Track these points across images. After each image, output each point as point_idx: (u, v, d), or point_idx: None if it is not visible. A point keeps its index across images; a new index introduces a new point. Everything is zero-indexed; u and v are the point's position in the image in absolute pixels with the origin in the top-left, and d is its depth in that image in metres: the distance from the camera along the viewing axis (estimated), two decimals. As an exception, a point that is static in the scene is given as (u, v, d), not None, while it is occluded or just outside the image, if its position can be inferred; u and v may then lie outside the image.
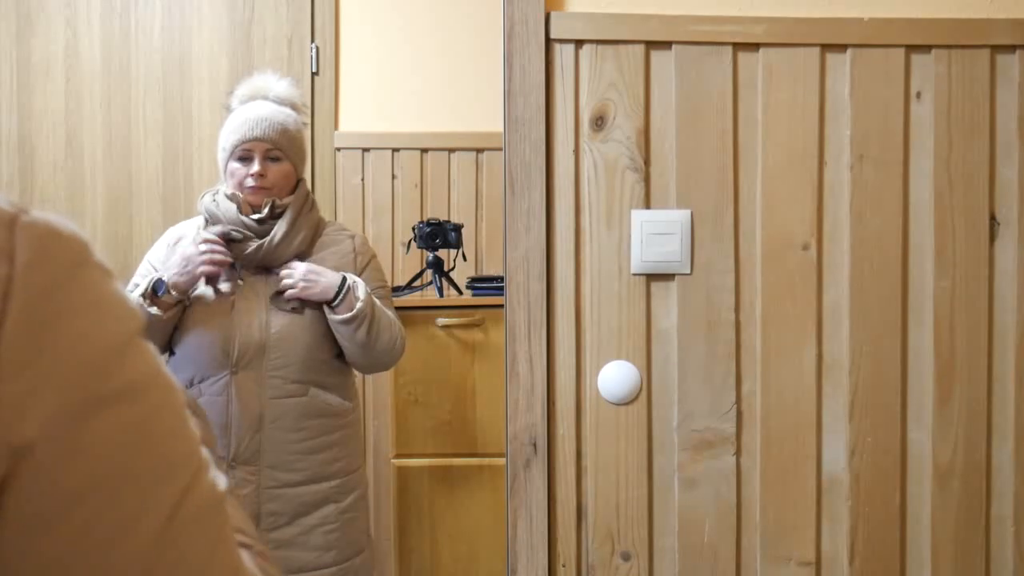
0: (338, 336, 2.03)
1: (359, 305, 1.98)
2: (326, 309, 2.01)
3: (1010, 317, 1.51)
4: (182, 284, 1.96)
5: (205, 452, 0.49)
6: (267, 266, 2.04)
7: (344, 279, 2.00)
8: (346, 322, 1.99)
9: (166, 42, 3.14)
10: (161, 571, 0.44)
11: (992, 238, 1.51)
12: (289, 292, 1.99)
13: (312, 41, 3.12)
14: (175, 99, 3.15)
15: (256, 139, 2.04)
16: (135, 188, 3.14)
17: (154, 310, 1.95)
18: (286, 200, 2.07)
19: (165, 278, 1.97)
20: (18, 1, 3.12)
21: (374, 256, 2.18)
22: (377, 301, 2.05)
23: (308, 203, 2.12)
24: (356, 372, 2.22)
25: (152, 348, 0.47)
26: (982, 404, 1.51)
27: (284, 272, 2.01)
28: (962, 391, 1.50)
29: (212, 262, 1.96)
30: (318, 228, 2.12)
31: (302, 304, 2.02)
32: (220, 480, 0.49)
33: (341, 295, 1.99)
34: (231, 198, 2.05)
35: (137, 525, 0.44)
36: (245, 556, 0.54)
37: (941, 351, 1.50)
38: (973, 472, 1.51)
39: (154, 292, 1.96)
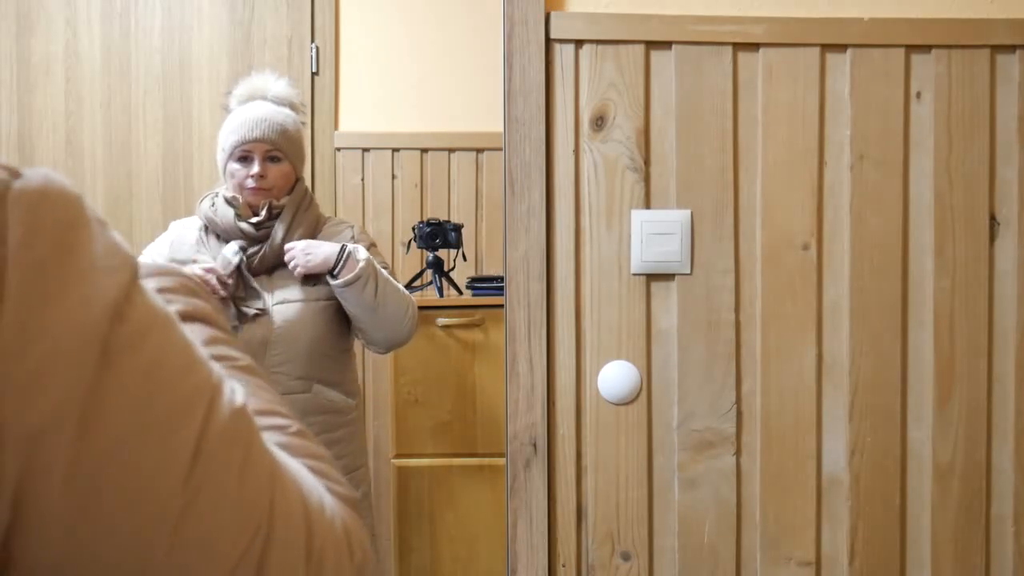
0: (348, 307, 2.02)
1: (361, 265, 1.98)
2: (330, 280, 2.00)
3: (1010, 317, 1.51)
4: None
5: (216, 371, 0.48)
6: (271, 267, 2.05)
7: (343, 246, 2.01)
8: (349, 283, 1.98)
9: (166, 42, 3.14)
10: (197, 507, 0.44)
11: (992, 238, 1.51)
12: (297, 271, 2.00)
13: (312, 41, 3.12)
14: (175, 99, 3.15)
15: (256, 140, 2.04)
16: (135, 188, 3.14)
17: None
18: (283, 200, 2.07)
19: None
20: (18, 1, 3.12)
21: (374, 244, 2.18)
22: (380, 268, 2.05)
23: (306, 201, 2.12)
24: (358, 371, 2.22)
25: (145, 287, 0.47)
26: (982, 404, 1.51)
27: (287, 256, 2.02)
28: (962, 391, 1.50)
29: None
30: (317, 224, 2.13)
31: (315, 280, 2.02)
32: (237, 393, 0.49)
33: (342, 261, 1.99)
34: (230, 202, 2.05)
35: (166, 472, 0.44)
36: (276, 438, 0.54)
37: (941, 351, 1.50)
38: (973, 472, 1.51)
39: None
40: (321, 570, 0.49)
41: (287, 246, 2.02)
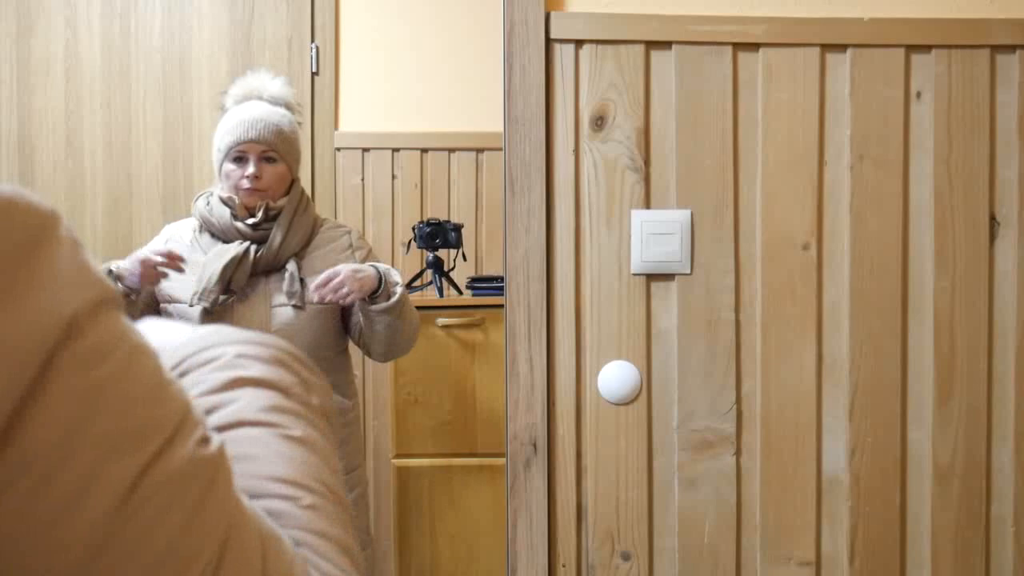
0: (373, 326, 2.02)
1: (399, 290, 2.00)
2: (361, 304, 2.00)
3: (1010, 317, 1.51)
4: (126, 276, 1.94)
5: (195, 416, 0.47)
6: (267, 270, 2.05)
7: (376, 269, 2.00)
8: (389, 310, 1.98)
9: (166, 42, 3.14)
10: (118, 544, 0.42)
11: (992, 238, 1.51)
12: (349, 299, 1.96)
13: (312, 41, 3.12)
14: (175, 99, 3.14)
15: (251, 141, 2.04)
16: (135, 188, 3.14)
17: None
18: (280, 203, 2.07)
19: (114, 267, 1.96)
20: (18, 1, 3.12)
21: (371, 249, 2.18)
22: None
23: (303, 203, 2.12)
24: (355, 372, 2.22)
25: (122, 316, 0.46)
26: (982, 404, 1.51)
27: (334, 283, 1.94)
28: (962, 391, 1.50)
29: (155, 275, 1.94)
30: (314, 226, 2.13)
31: (302, 301, 2.02)
32: (213, 443, 0.47)
33: (381, 286, 1.99)
34: (226, 202, 2.05)
35: (88, 496, 0.42)
36: (276, 506, 0.52)
37: (941, 351, 1.50)
38: (973, 472, 1.51)
39: None
40: None
41: (332, 271, 1.95)
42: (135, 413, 0.44)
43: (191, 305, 1.98)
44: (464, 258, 2.87)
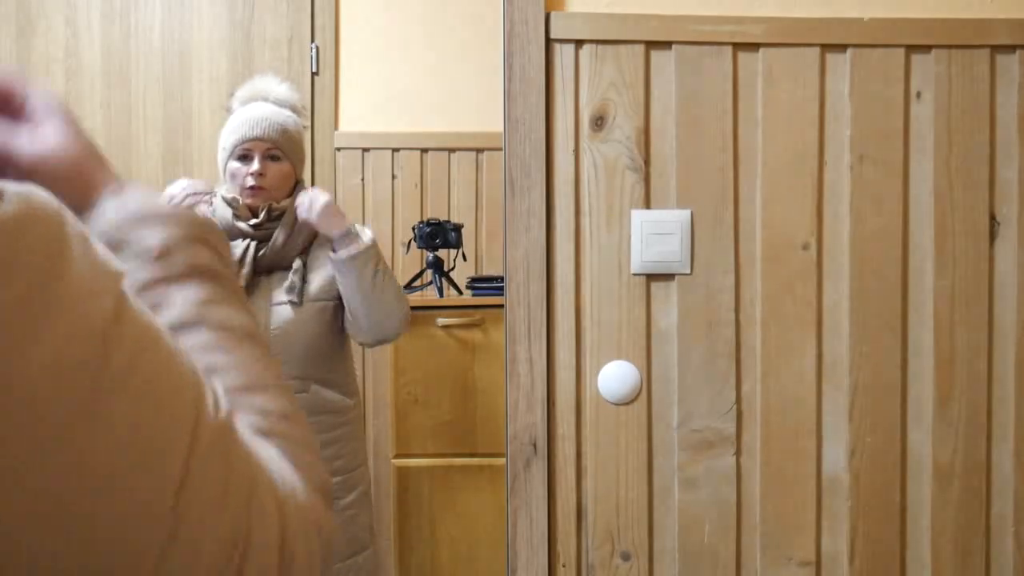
0: (345, 287, 2.02)
1: (366, 241, 2.00)
2: (331, 256, 2.01)
3: (1010, 317, 1.51)
4: None
5: (198, 379, 0.48)
6: (269, 268, 2.05)
7: (352, 225, 2.02)
8: (353, 258, 1.98)
9: (166, 42, 3.14)
10: (183, 531, 0.45)
11: (992, 238, 1.51)
12: (303, 210, 2.00)
13: (312, 41, 3.12)
14: (175, 98, 3.14)
15: (256, 138, 2.05)
16: (135, 188, 3.14)
17: None
18: (283, 203, 2.07)
19: None
20: (18, 1, 3.12)
21: None
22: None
23: None
24: (356, 370, 2.23)
25: (133, 298, 0.46)
26: (982, 404, 1.51)
27: (301, 198, 2.02)
28: (962, 391, 1.50)
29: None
30: None
31: (300, 298, 2.02)
32: (220, 400, 0.49)
33: (345, 234, 2.00)
34: (230, 202, 2.06)
35: (154, 501, 0.44)
36: (255, 422, 0.54)
37: (941, 351, 1.50)
38: (973, 472, 1.51)
39: None
40: (292, 564, 0.50)
41: (302, 196, 2.02)
42: (169, 407, 0.46)
43: None
44: (464, 258, 2.87)
